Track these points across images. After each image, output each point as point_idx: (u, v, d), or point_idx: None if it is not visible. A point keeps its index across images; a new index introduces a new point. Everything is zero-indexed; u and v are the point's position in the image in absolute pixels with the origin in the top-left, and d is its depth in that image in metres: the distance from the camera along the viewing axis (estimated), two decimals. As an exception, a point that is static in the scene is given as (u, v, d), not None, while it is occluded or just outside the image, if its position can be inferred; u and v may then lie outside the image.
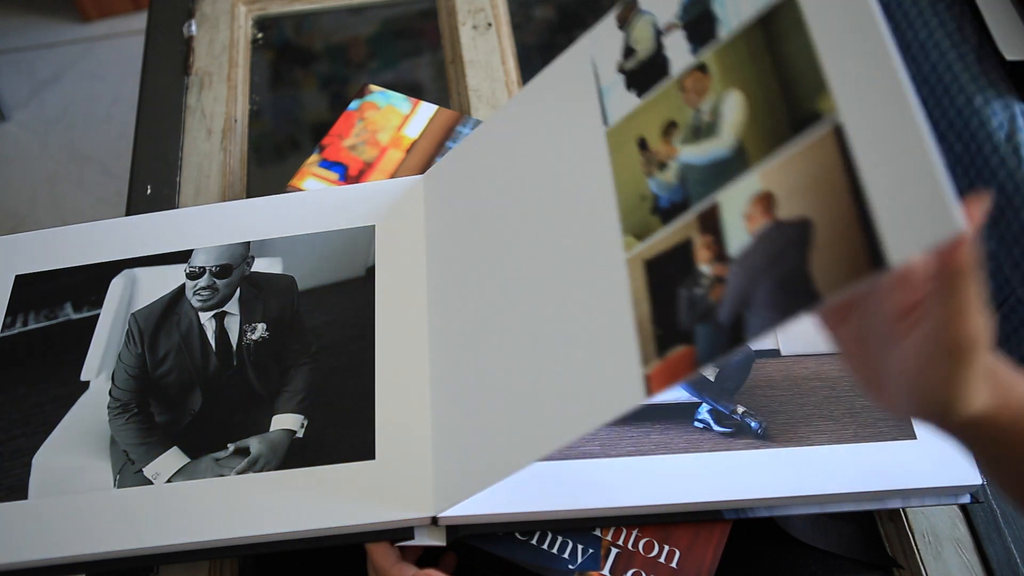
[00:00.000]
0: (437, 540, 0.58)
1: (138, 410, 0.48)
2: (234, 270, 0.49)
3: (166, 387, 0.48)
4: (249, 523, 0.57)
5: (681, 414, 0.62)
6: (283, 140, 0.94)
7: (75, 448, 0.51)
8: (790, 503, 0.59)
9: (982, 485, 0.60)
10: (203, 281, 0.48)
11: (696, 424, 0.61)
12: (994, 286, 1.06)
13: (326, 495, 0.58)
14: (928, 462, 0.59)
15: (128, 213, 0.80)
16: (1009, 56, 1.06)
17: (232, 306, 0.48)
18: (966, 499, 0.60)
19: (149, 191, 0.83)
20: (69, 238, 0.65)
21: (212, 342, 0.46)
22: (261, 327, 0.46)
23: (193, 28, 0.96)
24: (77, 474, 0.50)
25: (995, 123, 1.04)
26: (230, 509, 0.57)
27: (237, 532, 0.57)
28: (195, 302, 0.47)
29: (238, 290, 0.49)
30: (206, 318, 0.47)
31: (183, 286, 0.49)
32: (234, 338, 0.46)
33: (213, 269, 0.48)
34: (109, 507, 0.58)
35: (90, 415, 0.51)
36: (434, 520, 0.57)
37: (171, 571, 0.64)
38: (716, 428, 0.61)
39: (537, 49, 0.98)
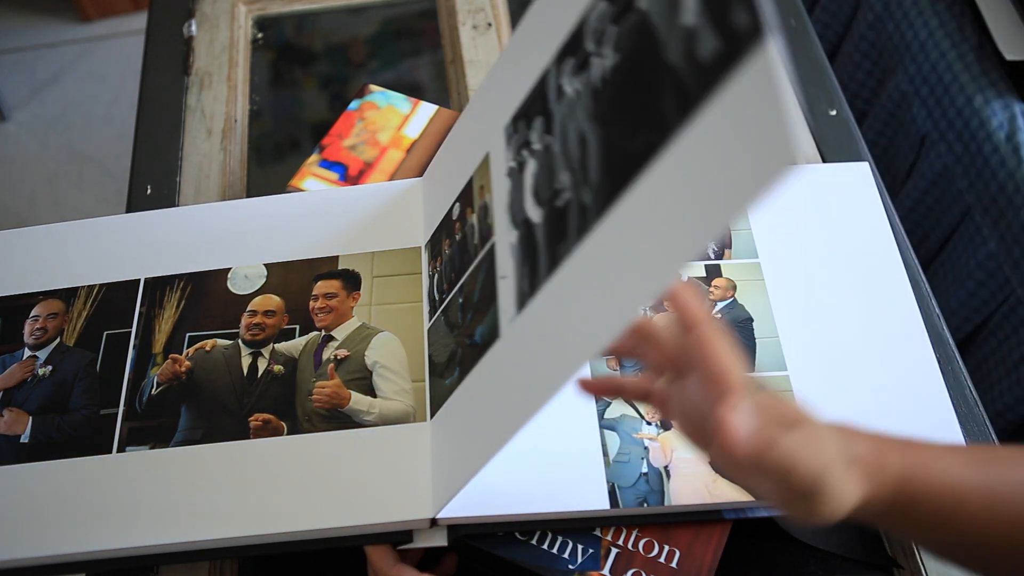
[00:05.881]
0: (438, 541, 0.58)
1: None
2: None
3: None
4: (249, 523, 0.57)
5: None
6: (283, 140, 0.94)
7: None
8: (790, 503, 0.59)
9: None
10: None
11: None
12: (994, 286, 1.06)
13: (325, 496, 0.58)
14: (928, 462, 0.59)
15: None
16: (1009, 56, 1.05)
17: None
18: (966, 499, 0.60)
19: (149, 191, 0.83)
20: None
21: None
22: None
23: (193, 28, 0.96)
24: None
25: (995, 123, 1.04)
26: (231, 509, 0.57)
27: (237, 532, 0.57)
28: None
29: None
30: None
31: None
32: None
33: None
34: (110, 503, 0.58)
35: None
36: (433, 521, 0.57)
37: (171, 571, 0.64)
38: None
39: (537, 49, 0.97)
